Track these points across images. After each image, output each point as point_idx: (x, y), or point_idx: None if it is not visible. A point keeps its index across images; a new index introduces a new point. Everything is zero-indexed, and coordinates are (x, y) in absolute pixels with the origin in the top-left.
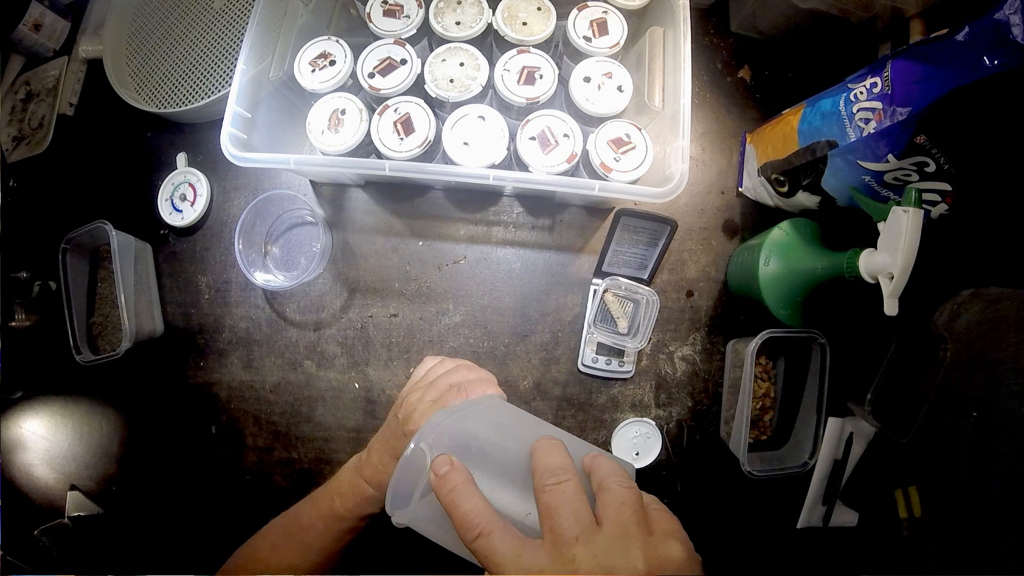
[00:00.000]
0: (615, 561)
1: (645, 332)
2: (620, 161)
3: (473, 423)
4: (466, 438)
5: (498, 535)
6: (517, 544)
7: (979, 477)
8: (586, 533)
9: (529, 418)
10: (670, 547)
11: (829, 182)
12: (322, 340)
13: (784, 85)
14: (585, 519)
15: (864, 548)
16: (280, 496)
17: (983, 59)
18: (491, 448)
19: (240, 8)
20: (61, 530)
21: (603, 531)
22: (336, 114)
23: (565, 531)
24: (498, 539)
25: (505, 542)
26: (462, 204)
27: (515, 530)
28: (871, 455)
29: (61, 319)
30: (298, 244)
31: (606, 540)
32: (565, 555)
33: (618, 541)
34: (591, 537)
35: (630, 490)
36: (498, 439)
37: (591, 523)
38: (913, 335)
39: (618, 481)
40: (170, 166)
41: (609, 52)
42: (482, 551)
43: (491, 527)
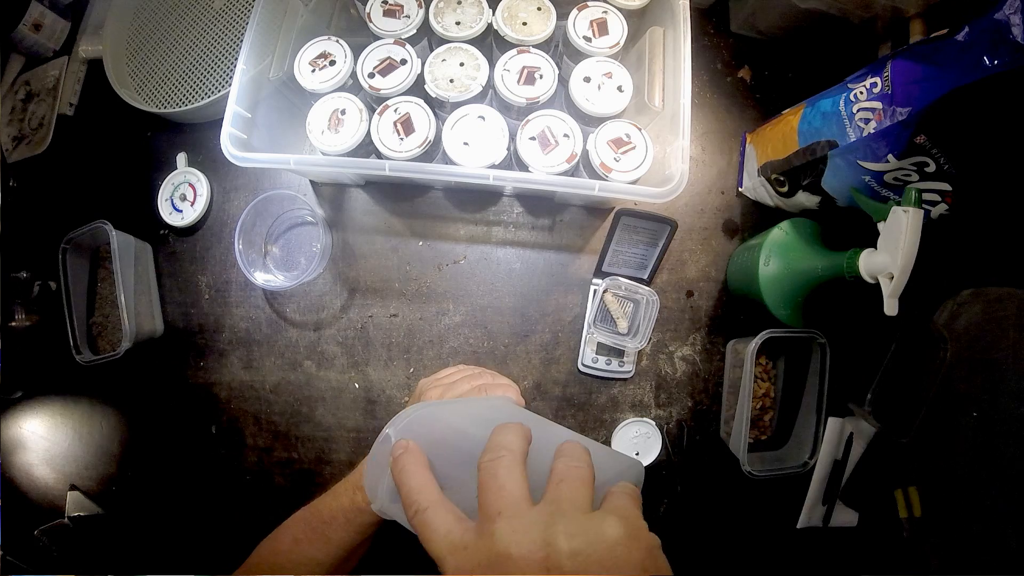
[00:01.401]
0: (534, 536)
1: (645, 332)
2: (620, 161)
3: (451, 415)
4: (437, 427)
5: (433, 511)
6: (451, 520)
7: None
8: (511, 508)
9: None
10: (604, 525)
11: (829, 182)
12: (322, 340)
13: (784, 85)
14: (512, 494)
15: (864, 548)
16: (280, 496)
17: (983, 59)
18: (460, 437)
19: (240, 8)
20: (61, 530)
21: (535, 508)
22: (336, 114)
23: (489, 506)
24: (433, 514)
25: (439, 517)
26: (462, 204)
27: (454, 508)
28: (871, 455)
29: (61, 319)
30: (298, 244)
31: (532, 516)
32: (487, 530)
33: (544, 517)
34: (516, 513)
35: (575, 468)
36: (474, 430)
37: (520, 499)
38: (913, 335)
39: (566, 460)
40: (170, 166)
41: (609, 52)
42: (419, 527)
43: (428, 503)
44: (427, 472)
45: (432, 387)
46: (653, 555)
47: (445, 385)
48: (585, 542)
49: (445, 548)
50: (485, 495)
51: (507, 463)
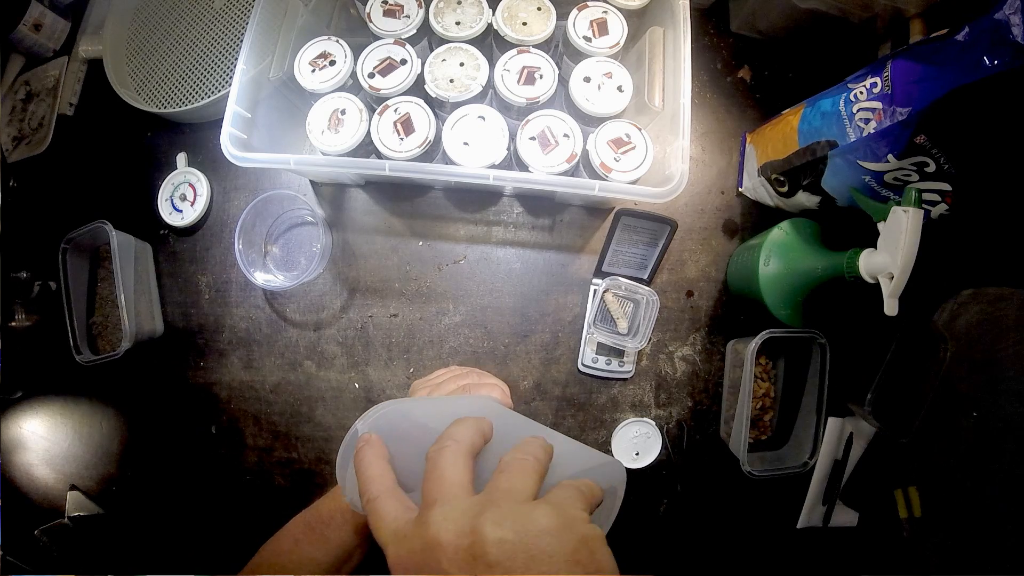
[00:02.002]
0: (462, 524)
1: (645, 332)
2: (620, 161)
3: (419, 411)
4: (403, 423)
5: (383, 500)
6: (398, 509)
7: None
8: (446, 496)
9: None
10: (535, 514)
11: (829, 182)
12: (322, 340)
13: (784, 85)
14: (450, 483)
15: (864, 548)
16: (280, 496)
17: (983, 59)
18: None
19: (240, 8)
20: (61, 530)
21: (471, 497)
22: (336, 114)
23: (428, 494)
24: (382, 503)
25: (387, 506)
26: (462, 204)
27: (404, 497)
28: (871, 455)
29: (61, 319)
30: (298, 244)
31: (465, 504)
32: (423, 518)
33: (476, 505)
34: (450, 500)
35: (519, 459)
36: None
37: (457, 487)
38: (913, 335)
39: (515, 452)
40: (170, 166)
41: (609, 52)
42: (369, 515)
43: (379, 492)
44: (384, 463)
45: (421, 388)
46: (588, 546)
47: (432, 385)
48: (512, 530)
49: (388, 536)
50: (426, 484)
51: (450, 453)
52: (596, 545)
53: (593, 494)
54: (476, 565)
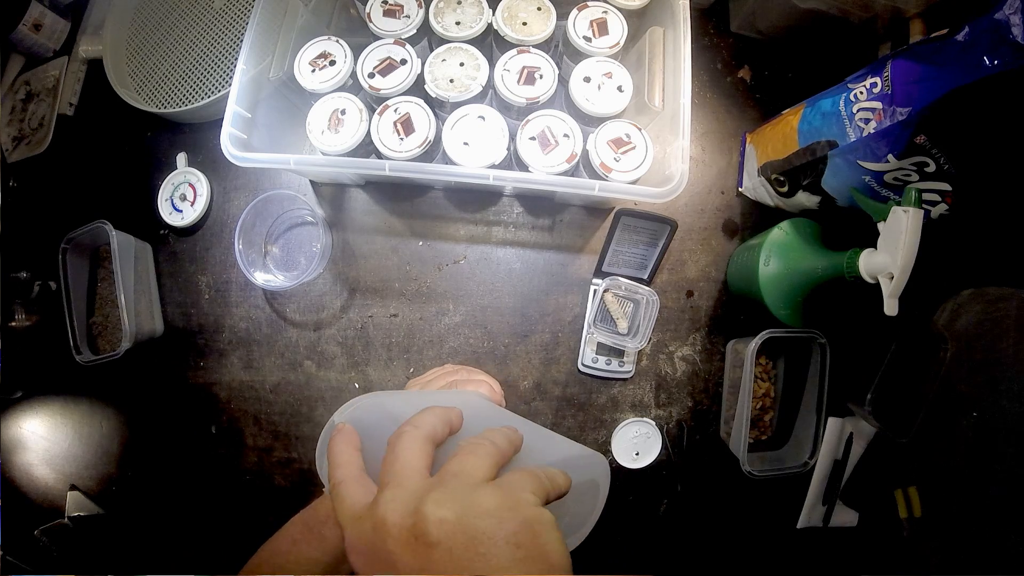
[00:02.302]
0: (409, 504)
1: (645, 332)
2: (620, 161)
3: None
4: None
5: (347, 484)
6: (359, 492)
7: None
8: (399, 479)
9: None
10: (479, 495)
11: (829, 182)
12: (322, 340)
13: (784, 85)
14: (403, 465)
15: (864, 548)
16: (280, 496)
17: (983, 59)
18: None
19: (240, 8)
20: (61, 530)
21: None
22: (336, 114)
23: (382, 477)
24: (345, 487)
25: (350, 489)
26: (462, 204)
27: (368, 482)
28: (871, 455)
29: (61, 319)
30: (298, 244)
31: (414, 485)
32: (375, 499)
33: (424, 487)
34: (401, 482)
35: (475, 443)
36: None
37: (410, 470)
38: (913, 335)
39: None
40: (170, 166)
41: (609, 52)
42: (333, 499)
43: (344, 477)
44: (352, 451)
45: (415, 386)
46: (532, 529)
47: (424, 383)
48: (453, 510)
49: (345, 519)
50: (382, 467)
51: (408, 438)
52: (541, 529)
53: (553, 482)
54: (418, 545)
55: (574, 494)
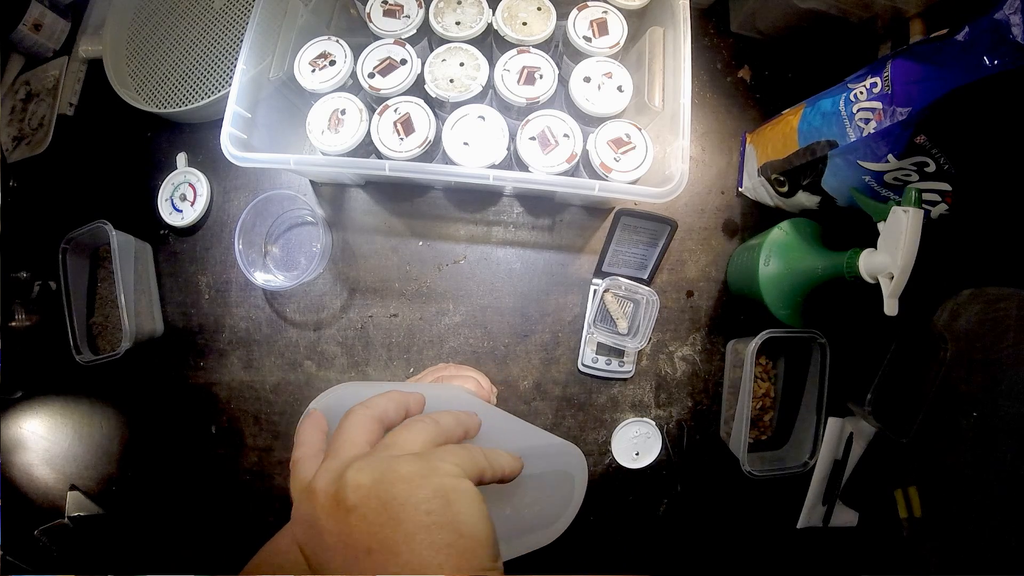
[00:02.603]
0: (335, 472)
1: (645, 332)
2: (620, 161)
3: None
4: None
5: (303, 462)
6: (311, 468)
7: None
8: (337, 451)
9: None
10: (398, 463)
11: (829, 182)
12: (322, 340)
13: (784, 85)
14: (345, 440)
15: (864, 548)
16: (280, 496)
17: (983, 59)
18: None
19: (240, 8)
20: (61, 530)
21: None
22: (336, 114)
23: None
24: (301, 465)
25: (306, 466)
26: (462, 204)
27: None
28: (871, 455)
29: (61, 319)
30: (298, 244)
31: (347, 456)
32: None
33: (354, 458)
34: (338, 455)
35: (413, 420)
36: None
37: (349, 444)
38: (913, 335)
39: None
40: (170, 166)
41: (609, 52)
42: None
43: (302, 455)
44: (316, 432)
45: None
46: (445, 497)
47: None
48: (371, 476)
49: (294, 492)
50: (330, 443)
51: (355, 415)
52: (455, 497)
53: (493, 462)
54: (338, 510)
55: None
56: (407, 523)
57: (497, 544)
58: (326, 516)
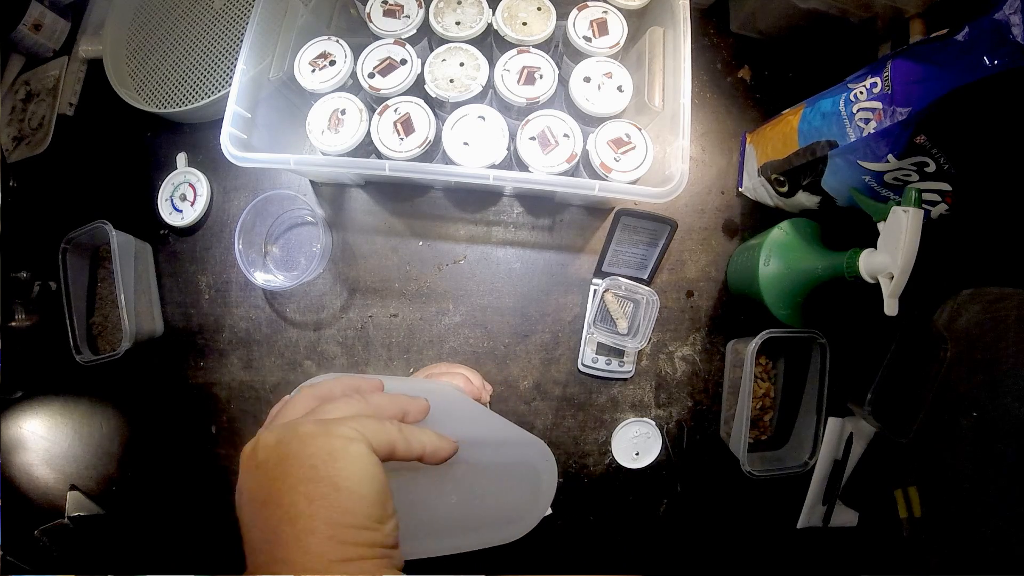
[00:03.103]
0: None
1: (645, 332)
2: (620, 161)
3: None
4: None
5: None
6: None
7: (979, 477)
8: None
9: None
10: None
11: (829, 182)
12: (322, 340)
13: (784, 85)
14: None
15: (864, 548)
16: None
17: (983, 59)
18: None
19: (240, 8)
20: (61, 530)
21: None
22: (336, 114)
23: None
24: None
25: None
26: (462, 204)
27: None
28: (871, 455)
29: (61, 319)
30: (298, 244)
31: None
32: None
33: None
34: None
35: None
36: None
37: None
38: (913, 335)
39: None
40: (170, 166)
41: (609, 52)
42: None
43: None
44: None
45: None
46: (331, 455)
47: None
48: (276, 436)
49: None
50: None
51: (300, 395)
52: (341, 455)
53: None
54: (251, 466)
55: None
56: (291, 476)
57: (387, 509)
58: (243, 474)
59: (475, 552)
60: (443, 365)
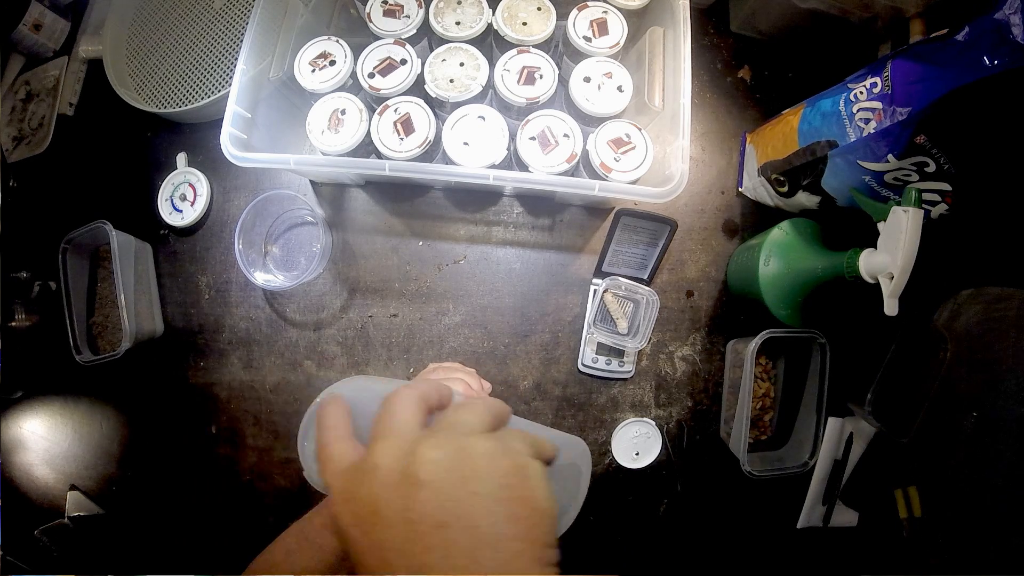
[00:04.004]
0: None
1: (645, 332)
2: (620, 161)
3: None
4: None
5: (336, 444)
6: (347, 451)
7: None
8: (393, 430)
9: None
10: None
11: (829, 182)
12: (322, 340)
13: (784, 85)
14: (398, 420)
15: (864, 548)
16: (280, 496)
17: (983, 59)
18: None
19: (240, 8)
20: (61, 530)
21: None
22: (336, 114)
23: (376, 430)
24: (333, 447)
25: (338, 449)
26: (462, 204)
27: (356, 443)
28: (871, 455)
29: (61, 319)
30: (298, 244)
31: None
32: (368, 450)
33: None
34: (397, 434)
35: (470, 400)
36: None
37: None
38: (913, 335)
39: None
40: (170, 166)
41: (609, 52)
42: (320, 462)
43: (332, 439)
44: (342, 416)
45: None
46: (522, 472)
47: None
48: (446, 453)
49: (334, 475)
50: (376, 423)
51: (403, 395)
52: (531, 473)
53: (540, 447)
54: (405, 484)
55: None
56: (486, 496)
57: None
58: (389, 492)
59: None
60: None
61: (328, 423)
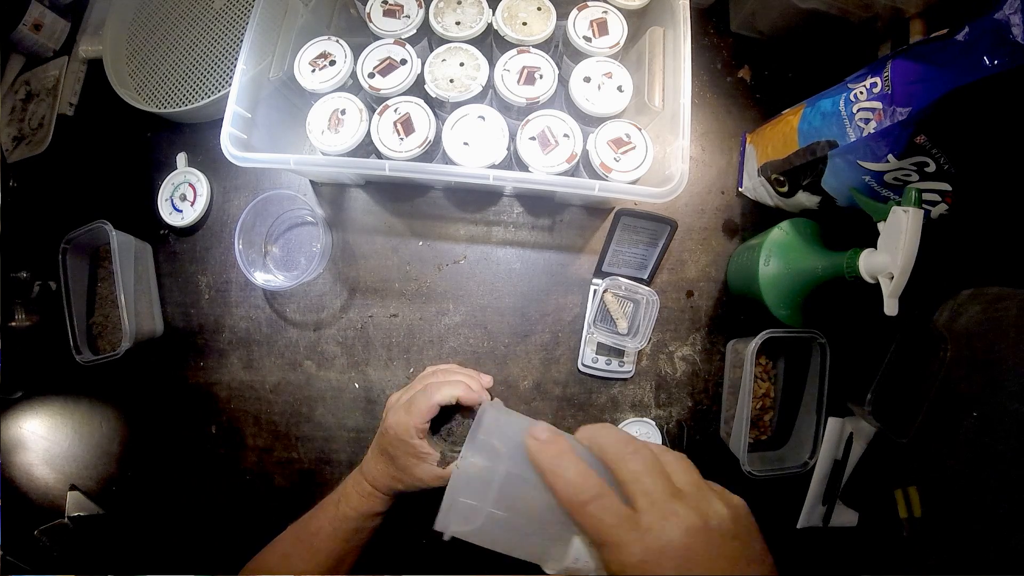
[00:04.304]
0: (706, 509)
1: (645, 332)
2: (620, 161)
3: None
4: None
5: (609, 499)
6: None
7: (979, 477)
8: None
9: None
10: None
11: (829, 182)
12: (322, 340)
13: (784, 85)
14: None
15: (864, 548)
16: (280, 496)
17: (983, 59)
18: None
19: (240, 8)
20: (61, 530)
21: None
22: (336, 114)
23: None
24: (609, 502)
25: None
26: (462, 204)
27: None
28: (871, 455)
29: (61, 319)
30: (298, 244)
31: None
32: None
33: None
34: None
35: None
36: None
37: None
38: (913, 335)
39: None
40: (170, 166)
41: (609, 52)
42: (596, 514)
43: (603, 490)
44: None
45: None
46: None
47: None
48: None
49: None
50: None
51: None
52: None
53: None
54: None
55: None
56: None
57: None
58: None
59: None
60: (439, 374)
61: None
